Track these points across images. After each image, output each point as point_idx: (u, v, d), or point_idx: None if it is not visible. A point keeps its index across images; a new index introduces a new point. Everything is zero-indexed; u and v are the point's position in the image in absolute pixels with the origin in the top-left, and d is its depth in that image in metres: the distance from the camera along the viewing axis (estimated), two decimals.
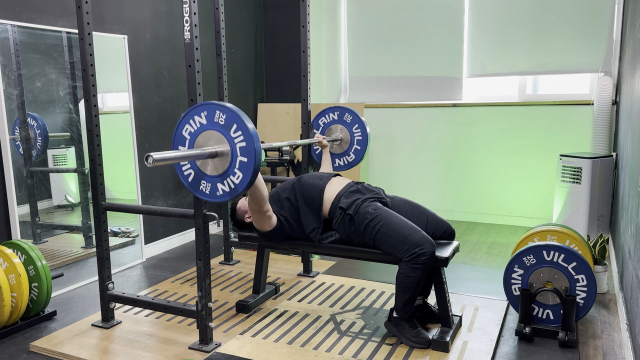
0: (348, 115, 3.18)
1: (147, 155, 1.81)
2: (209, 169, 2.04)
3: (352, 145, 3.20)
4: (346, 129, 3.20)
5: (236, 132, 1.96)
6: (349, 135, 3.19)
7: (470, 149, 4.62)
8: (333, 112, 3.22)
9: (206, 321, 2.31)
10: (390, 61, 4.90)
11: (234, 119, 1.96)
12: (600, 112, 3.97)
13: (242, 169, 1.96)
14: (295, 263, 3.49)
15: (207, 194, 2.07)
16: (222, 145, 1.99)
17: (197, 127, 2.04)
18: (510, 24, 4.38)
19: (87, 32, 2.37)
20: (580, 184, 3.76)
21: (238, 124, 1.95)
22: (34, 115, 2.98)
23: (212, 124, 2.00)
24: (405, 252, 2.23)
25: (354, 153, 3.20)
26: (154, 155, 1.83)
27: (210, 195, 2.07)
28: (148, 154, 1.82)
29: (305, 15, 3.07)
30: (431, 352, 2.26)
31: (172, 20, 3.88)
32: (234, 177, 1.99)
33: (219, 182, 2.03)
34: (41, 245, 3.08)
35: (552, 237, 2.74)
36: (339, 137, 3.21)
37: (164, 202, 3.90)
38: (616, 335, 2.45)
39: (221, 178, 2.02)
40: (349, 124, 3.19)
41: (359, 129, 3.17)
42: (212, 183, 2.04)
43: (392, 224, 2.30)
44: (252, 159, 1.94)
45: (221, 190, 2.03)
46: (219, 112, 1.98)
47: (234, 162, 1.97)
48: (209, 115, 2.01)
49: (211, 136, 2.01)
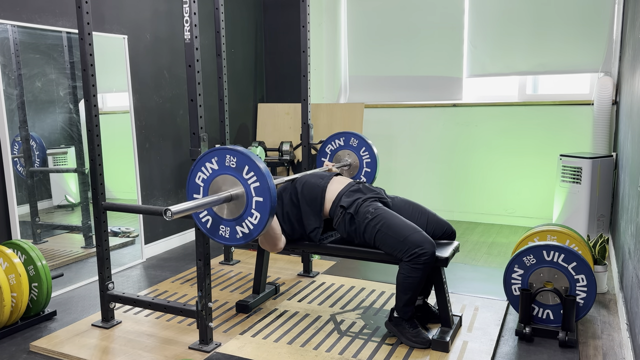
0: (354, 140, 3.19)
1: (165, 209, 1.80)
2: (225, 213, 2.05)
3: (361, 169, 3.20)
4: (354, 154, 3.20)
5: (248, 173, 1.97)
6: (357, 159, 3.20)
7: (470, 149, 4.62)
8: (338, 138, 3.23)
9: (206, 321, 2.31)
10: (390, 61, 4.90)
11: (245, 161, 1.97)
12: (600, 112, 3.97)
13: (259, 208, 1.97)
14: (295, 263, 3.49)
15: (227, 238, 2.07)
16: (237, 188, 2.00)
17: (209, 174, 2.05)
18: (510, 23, 4.38)
19: (87, 32, 2.37)
20: (580, 184, 3.77)
21: (250, 166, 1.97)
22: (33, 135, 2.99)
23: (224, 168, 2.02)
24: (405, 252, 2.23)
25: (364, 176, 3.19)
26: (173, 208, 1.81)
27: (230, 239, 2.07)
28: (167, 208, 1.80)
29: (305, 15, 3.07)
30: (431, 352, 2.26)
31: (172, 20, 3.88)
32: (251, 218, 1.99)
33: (237, 225, 2.03)
34: (41, 245, 3.08)
35: (552, 237, 2.74)
36: (348, 162, 3.21)
37: (164, 202, 3.90)
38: (616, 335, 2.45)
39: (239, 220, 2.02)
40: (355, 148, 3.19)
41: (367, 152, 3.17)
42: (231, 227, 2.05)
43: (392, 224, 2.30)
44: (267, 197, 1.95)
45: (240, 233, 2.04)
46: (229, 156, 2.00)
47: (250, 203, 1.98)
48: (219, 160, 2.02)
49: (225, 180, 2.02)
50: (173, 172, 3.95)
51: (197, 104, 2.15)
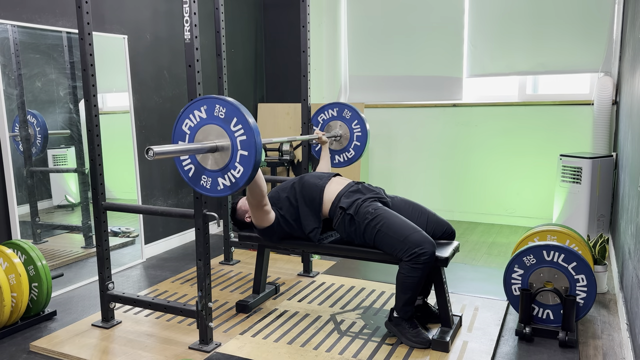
0: (347, 112, 3.18)
1: (147, 148, 1.80)
2: (209, 163, 2.04)
3: (351, 142, 3.20)
4: (345, 125, 3.19)
5: (236, 125, 1.95)
6: (349, 131, 3.19)
7: (470, 149, 4.62)
8: (332, 108, 3.22)
9: (206, 321, 2.31)
10: (390, 61, 4.90)
11: (234, 113, 1.95)
12: (601, 112, 3.97)
13: (243, 162, 1.96)
14: (295, 263, 3.49)
15: (207, 188, 2.06)
16: (223, 139, 1.99)
17: (197, 122, 2.03)
18: (510, 23, 4.38)
19: (87, 32, 2.37)
20: (581, 184, 3.76)
21: (238, 118, 1.95)
22: (34, 113, 2.98)
23: (212, 118, 2.00)
24: (405, 252, 2.23)
25: (353, 149, 3.19)
26: (155, 148, 1.82)
27: (210, 190, 2.05)
28: (149, 147, 1.81)
29: (306, 15, 3.07)
30: (431, 352, 2.26)
31: (172, 20, 3.88)
32: (234, 171, 1.98)
33: (220, 177, 2.02)
34: (41, 245, 3.08)
35: (552, 237, 2.74)
36: (339, 134, 3.21)
37: (164, 202, 3.90)
38: (616, 335, 2.45)
39: (222, 172, 2.01)
40: (348, 120, 3.18)
41: (358, 125, 3.17)
42: (213, 178, 2.04)
43: (392, 224, 2.30)
44: (252, 152, 1.93)
45: (222, 185, 2.02)
46: (219, 106, 1.98)
47: (235, 155, 1.97)
48: (208, 109, 2.00)
49: (211, 130, 2.00)
50: (173, 172, 3.95)
51: None
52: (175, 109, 3.93)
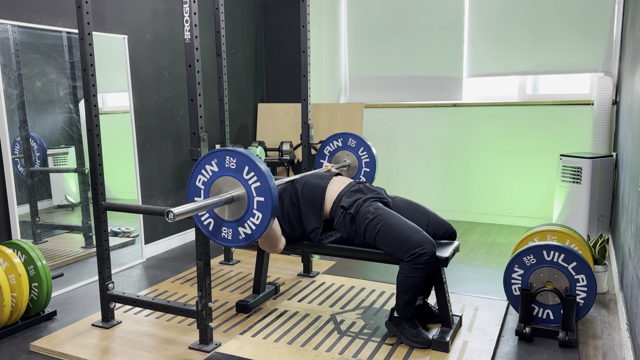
0: (352, 140, 3.19)
1: (167, 211, 1.79)
2: (227, 214, 2.04)
3: (360, 169, 3.20)
4: (352, 154, 3.20)
5: (249, 173, 1.97)
6: (356, 159, 3.20)
7: (470, 149, 4.62)
8: (337, 139, 3.23)
9: (206, 321, 2.31)
10: (390, 61, 4.90)
11: (245, 162, 1.97)
12: (601, 112, 3.97)
13: (260, 208, 1.97)
14: (295, 263, 3.49)
15: (229, 239, 2.06)
16: (237, 189, 2.00)
17: (209, 176, 2.05)
18: (510, 23, 4.38)
19: (87, 32, 2.37)
20: (581, 183, 3.76)
21: (249, 166, 1.96)
22: (34, 136, 2.99)
23: (224, 169, 2.01)
24: (406, 252, 2.23)
25: (364, 176, 3.19)
26: (175, 210, 1.80)
27: (232, 241, 2.06)
28: (169, 210, 1.79)
29: (306, 15, 3.07)
30: (431, 352, 2.26)
31: (172, 20, 3.88)
32: (253, 218, 1.98)
33: (240, 226, 2.03)
34: (41, 245, 3.08)
35: (552, 237, 2.74)
36: (347, 163, 3.21)
37: (164, 202, 3.90)
38: (616, 335, 2.45)
39: (241, 221, 2.02)
40: (354, 149, 3.19)
41: (365, 152, 3.17)
42: (233, 228, 2.04)
43: (393, 224, 2.30)
44: (268, 197, 1.94)
45: (243, 234, 2.03)
46: (229, 158, 2.00)
47: (251, 203, 1.98)
48: (219, 162, 2.02)
49: (225, 182, 2.02)
50: (173, 172, 3.95)
51: (197, 104, 2.15)
52: (176, 109, 3.93)
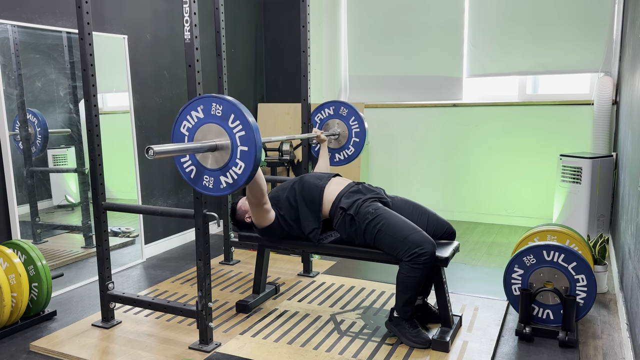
0: (344, 109, 3.18)
1: (148, 148, 1.80)
2: (209, 162, 2.03)
3: (350, 139, 3.19)
4: (343, 123, 3.19)
5: (234, 122, 1.95)
6: (347, 128, 3.19)
7: (470, 149, 4.62)
8: (329, 107, 3.22)
9: (206, 321, 2.31)
10: (390, 61, 4.90)
11: (231, 110, 1.95)
12: (601, 112, 3.97)
13: (244, 158, 1.95)
14: (295, 263, 3.49)
15: (210, 188, 2.05)
16: (222, 137, 1.98)
17: (194, 122, 2.03)
18: (510, 23, 4.38)
19: (87, 32, 2.37)
20: (581, 183, 3.76)
21: (236, 114, 1.94)
22: (35, 112, 2.98)
23: (210, 117, 2.00)
24: (405, 252, 2.23)
25: (353, 146, 3.19)
26: (155, 147, 1.82)
27: (213, 189, 2.05)
28: (149, 146, 1.81)
29: (306, 15, 3.07)
30: (431, 352, 2.26)
31: (172, 20, 3.88)
32: (236, 167, 1.97)
33: (221, 175, 2.01)
34: (41, 245, 3.08)
35: (552, 237, 2.74)
36: (337, 132, 3.20)
37: (164, 202, 3.90)
38: (616, 335, 2.45)
39: (223, 170, 2.00)
40: (345, 118, 3.18)
41: (356, 122, 3.16)
42: (215, 176, 2.03)
43: (392, 224, 2.30)
44: (252, 147, 1.93)
45: (224, 183, 2.02)
46: (215, 105, 1.98)
47: (235, 152, 1.96)
48: (205, 108, 2.00)
49: (210, 129, 2.00)
50: (173, 172, 3.95)
51: None
52: (175, 109, 3.93)
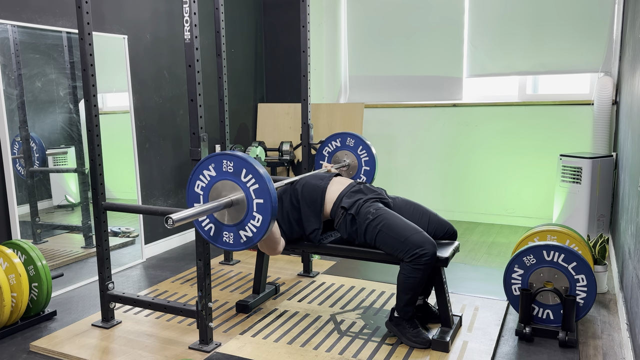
0: (350, 140, 3.19)
1: (166, 218, 1.79)
2: (227, 218, 2.04)
3: (360, 168, 3.20)
4: (352, 154, 3.20)
5: (247, 176, 1.96)
6: (356, 158, 3.20)
7: (470, 149, 4.62)
8: (335, 139, 3.24)
9: (206, 321, 2.31)
10: (390, 61, 4.90)
11: (242, 165, 1.97)
12: (601, 112, 3.97)
13: (260, 211, 1.96)
14: (295, 263, 3.49)
15: (231, 243, 2.05)
16: (236, 192, 1.99)
17: (208, 181, 2.04)
18: (510, 23, 4.38)
19: (87, 32, 2.37)
20: (581, 183, 3.76)
21: (247, 169, 1.96)
22: (33, 136, 2.99)
23: (222, 174, 2.01)
24: (406, 253, 2.23)
25: (364, 175, 3.19)
26: (174, 216, 1.80)
27: (234, 245, 2.05)
28: (168, 216, 1.79)
29: (305, 15, 3.07)
30: (431, 352, 2.26)
31: (172, 20, 3.88)
32: (253, 220, 1.98)
33: (240, 229, 2.02)
34: (41, 245, 3.08)
35: (552, 237, 2.74)
36: (347, 163, 3.21)
37: (164, 202, 3.90)
38: (616, 335, 2.45)
39: (242, 224, 2.01)
40: (352, 148, 3.19)
41: (364, 150, 3.17)
42: (234, 232, 2.04)
43: (393, 225, 2.30)
44: (267, 198, 1.94)
45: (244, 237, 2.02)
46: (226, 162, 1.99)
47: (251, 206, 1.97)
48: (217, 167, 2.02)
49: (224, 186, 2.02)
50: (173, 172, 3.95)
51: (197, 104, 2.15)
52: (176, 109, 3.93)
